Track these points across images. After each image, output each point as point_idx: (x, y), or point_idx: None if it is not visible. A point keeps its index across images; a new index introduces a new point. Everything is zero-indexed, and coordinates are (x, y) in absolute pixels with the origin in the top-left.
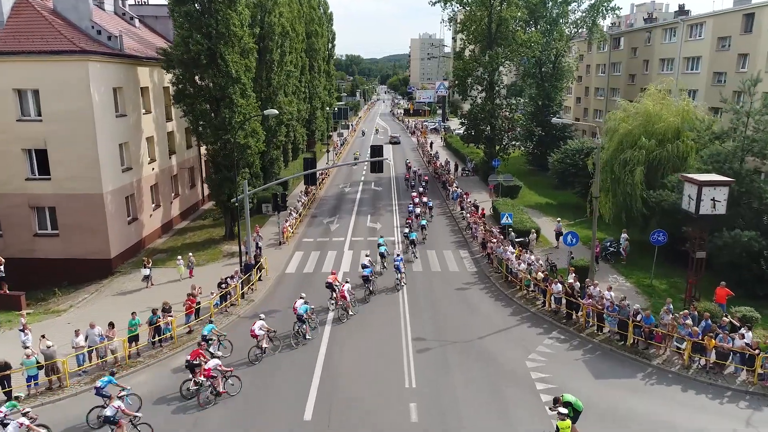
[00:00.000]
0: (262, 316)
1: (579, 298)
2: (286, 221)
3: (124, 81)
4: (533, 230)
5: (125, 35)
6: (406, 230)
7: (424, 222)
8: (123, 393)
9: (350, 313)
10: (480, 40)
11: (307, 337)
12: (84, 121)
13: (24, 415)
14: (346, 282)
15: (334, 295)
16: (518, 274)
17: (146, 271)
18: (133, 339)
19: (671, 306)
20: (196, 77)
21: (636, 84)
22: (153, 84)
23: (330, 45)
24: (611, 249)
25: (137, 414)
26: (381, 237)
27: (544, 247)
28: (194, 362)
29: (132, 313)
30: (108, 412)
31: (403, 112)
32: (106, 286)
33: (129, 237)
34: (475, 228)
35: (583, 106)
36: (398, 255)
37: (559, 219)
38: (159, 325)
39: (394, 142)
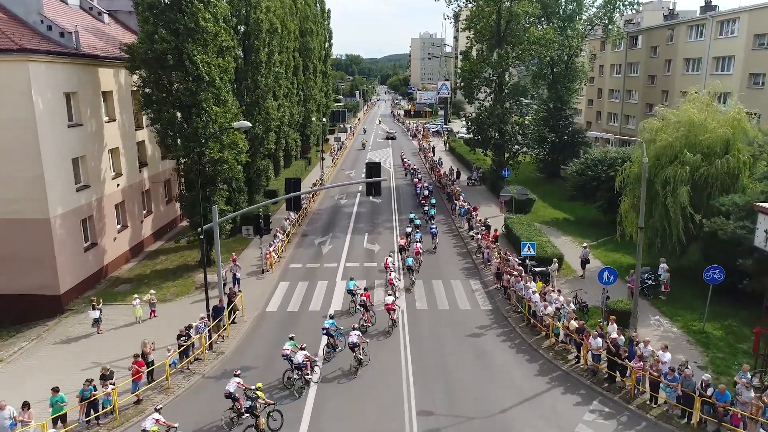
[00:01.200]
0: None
1: (626, 360)
2: (270, 245)
3: (80, 84)
4: (555, 259)
5: (85, 31)
6: (426, 207)
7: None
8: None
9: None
10: (488, 38)
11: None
12: (25, 133)
13: (302, 349)
14: (417, 242)
15: (406, 255)
16: (544, 319)
17: (95, 314)
18: (60, 419)
19: (749, 375)
20: (165, 79)
21: (656, 86)
22: (118, 87)
23: (327, 44)
24: (649, 282)
25: (366, 340)
26: (411, 213)
27: (568, 276)
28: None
29: (53, 389)
30: (353, 339)
31: (403, 113)
32: (51, 329)
33: (86, 266)
34: (487, 253)
35: (596, 109)
36: (433, 224)
37: (585, 244)
38: (95, 399)
39: (391, 137)
